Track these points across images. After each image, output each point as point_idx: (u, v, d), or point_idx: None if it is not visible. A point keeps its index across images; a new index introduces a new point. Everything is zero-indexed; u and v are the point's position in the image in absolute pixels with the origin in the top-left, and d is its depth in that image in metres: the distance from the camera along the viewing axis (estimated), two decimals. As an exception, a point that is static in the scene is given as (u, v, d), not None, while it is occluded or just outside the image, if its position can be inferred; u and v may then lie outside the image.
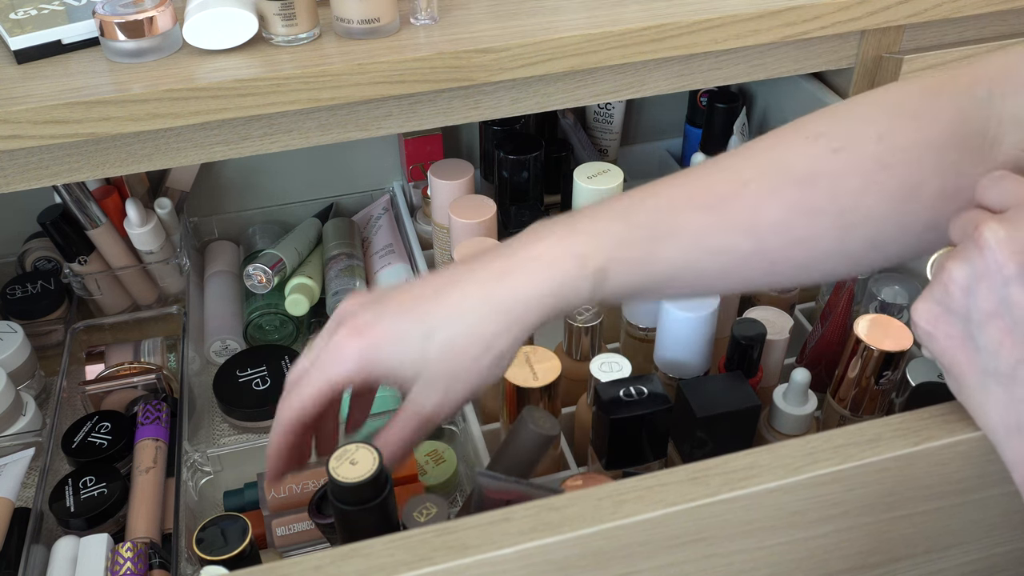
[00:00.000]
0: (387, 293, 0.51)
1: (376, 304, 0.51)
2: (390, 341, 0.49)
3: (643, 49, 0.74)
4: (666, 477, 0.43)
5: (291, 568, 0.40)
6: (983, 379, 0.42)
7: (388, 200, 1.03)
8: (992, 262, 0.40)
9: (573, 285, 0.49)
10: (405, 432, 0.51)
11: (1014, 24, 0.86)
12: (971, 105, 0.48)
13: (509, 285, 0.49)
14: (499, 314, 0.49)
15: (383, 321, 0.49)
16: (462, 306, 0.49)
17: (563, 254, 0.49)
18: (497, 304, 0.49)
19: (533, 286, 0.49)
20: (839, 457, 0.44)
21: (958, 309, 0.42)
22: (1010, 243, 0.40)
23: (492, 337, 0.49)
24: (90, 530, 0.70)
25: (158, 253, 0.92)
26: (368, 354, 0.49)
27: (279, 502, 0.71)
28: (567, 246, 0.49)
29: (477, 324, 0.49)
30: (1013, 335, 0.40)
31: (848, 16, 0.77)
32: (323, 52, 0.69)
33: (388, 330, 0.49)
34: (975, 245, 0.41)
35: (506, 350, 0.49)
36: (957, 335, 0.43)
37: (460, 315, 0.49)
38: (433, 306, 0.49)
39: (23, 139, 0.64)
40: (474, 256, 0.51)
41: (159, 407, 0.79)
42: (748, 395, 0.62)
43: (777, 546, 0.46)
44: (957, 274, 0.42)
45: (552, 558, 0.41)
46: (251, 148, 0.72)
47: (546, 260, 0.49)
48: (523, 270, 0.49)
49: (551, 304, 0.49)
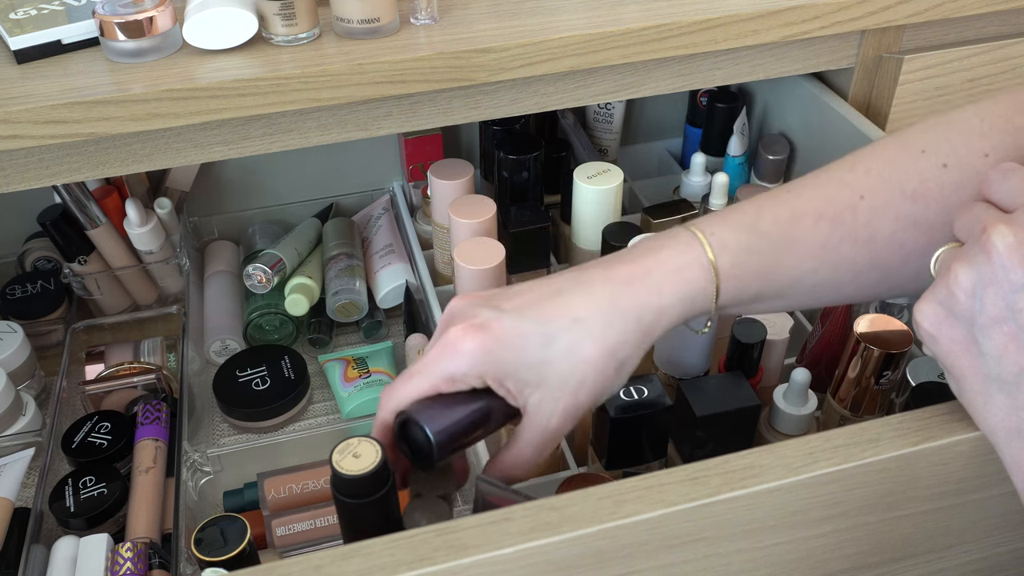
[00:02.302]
0: (503, 292, 0.50)
1: (492, 302, 0.48)
2: (511, 340, 0.46)
3: (643, 49, 0.74)
4: (666, 477, 0.43)
5: (291, 568, 0.40)
6: (985, 384, 0.42)
7: (388, 200, 1.03)
8: (999, 268, 0.40)
9: (701, 293, 0.48)
10: (528, 450, 0.48)
11: (1014, 24, 0.86)
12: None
13: (635, 292, 0.47)
14: (626, 322, 0.47)
15: (503, 320, 0.47)
16: (587, 311, 0.47)
17: (690, 262, 0.48)
18: (624, 311, 0.47)
19: (661, 294, 0.47)
20: (839, 457, 0.44)
21: (963, 313, 0.42)
22: (1019, 249, 0.40)
23: (617, 345, 0.47)
24: (90, 530, 0.70)
25: (158, 253, 0.92)
26: (487, 351, 0.46)
27: (279, 502, 0.71)
28: (695, 255, 0.48)
29: (603, 332, 0.47)
30: (1018, 341, 0.40)
31: (848, 16, 0.77)
32: (323, 52, 0.69)
33: (508, 329, 0.47)
34: (982, 249, 0.41)
35: (630, 358, 0.48)
36: (960, 339, 0.43)
37: (585, 321, 0.47)
38: (556, 308, 0.47)
39: (23, 139, 0.64)
40: (593, 262, 0.49)
41: (159, 407, 0.79)
42: (748, 395, 0.62)
43: (777, 546, 0.46)
44: (963, 278, 0.41)
45: (552, 558, 0.41)
46: (251, 148, 0.72)
47: (672, 267, 0.48)
48: (650, 277, 0.48)
49: (678, 313, 0.48)
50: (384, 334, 0.94)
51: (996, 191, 0.43)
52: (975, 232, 0.42)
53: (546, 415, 0.48)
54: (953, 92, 0.85)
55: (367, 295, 0.91)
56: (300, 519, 0.70)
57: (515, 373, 0.47)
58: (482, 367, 0.47)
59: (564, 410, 0.47)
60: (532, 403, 0.48)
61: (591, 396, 0.48)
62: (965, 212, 0.44)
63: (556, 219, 0.95)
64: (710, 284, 0.48)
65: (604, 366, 0.47)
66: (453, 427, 0.48)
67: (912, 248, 0.50)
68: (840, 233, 0.49)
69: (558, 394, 0.47)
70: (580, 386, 0.47)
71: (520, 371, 0.47)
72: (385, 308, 0.93)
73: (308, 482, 0.72)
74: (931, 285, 0.44)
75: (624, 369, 0.48)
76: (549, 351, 0.47)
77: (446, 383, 0.48)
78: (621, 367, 0.48)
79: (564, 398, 0.47)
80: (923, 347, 0.45)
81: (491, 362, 0.46)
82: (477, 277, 0.75)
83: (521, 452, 0.49)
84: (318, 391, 0.89)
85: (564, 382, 0.47)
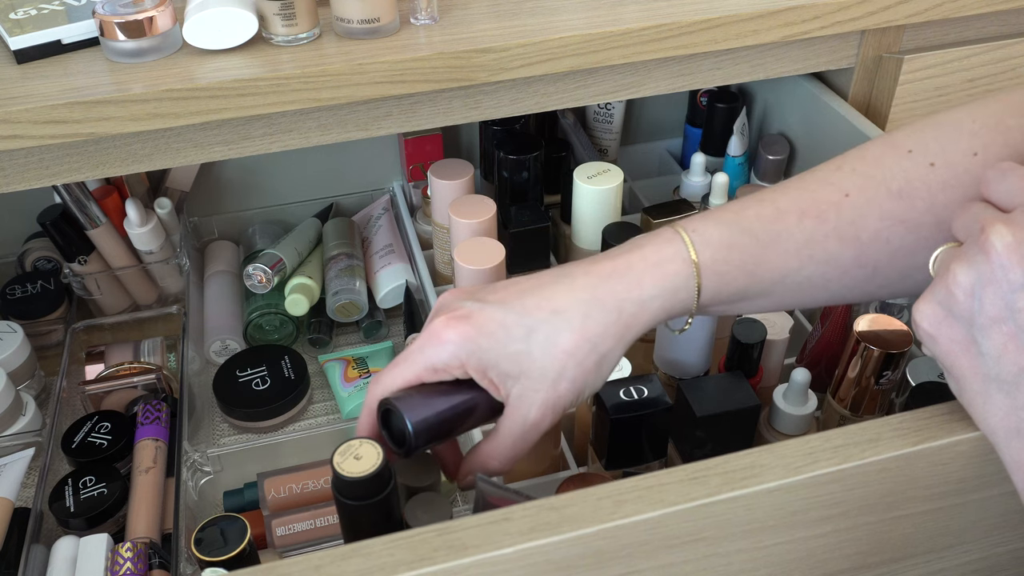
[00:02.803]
0: (488, 286, 0.51)
1: (477, 295, 0.49)
2: (492, 331, 0.47)
3: (643, 49, 0.74)
4: (666, 477, 0.43)
5: (291, 568, 0.40)
6: (985, 384, 0.42)
7: (388, 200, 1.03)
8: (998, 268, 0.40)
9: (682, 288, 0.48)
10: (508, 442, 0.49)
11: (1014, 24, 0.86)
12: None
13: (616, 285, 0.48)
14: (605, 314, 0.47)
15: (485, 311, 0.48)
16: (567, 303, 0.48)
17: (672, 256, 0.49)
18: (604, 303, 0.48)
19: (642, 288, 0.48)
20: (839, 457, 0.44)
21: (962, 313, 0.42)
22: (1017, 248, 0.40)
23: (598, 338, 0.48)
24: (90, 530, 0.70)
25: (158, 253, 0.92)
26: (469, 341, 0.47)
27: (279, 502, 0.71)
28: (676, 250, 0.49)
29: (582, 323, 0.47)
30: (1017, 341, 0.40)
31: (848, 16, 0.77)
32: (323, 52, 0.69)
33: (490, 319, 0.47)
34: (981, 249, 0.41)
35: (610, 352, 0.48)
36: (960, 339, 0.43)
37: (565, 312, 0.47)
38: (537, 300, 0.48)
39: (23, 139, 0.64)
40: (580, 260, 0.50)
41: (159, 407, 0.79)
42: (748, 395, 0.62)
43: (777, 546, 0.46)
44: (962, 278, 0.41)
45: (552, 558, 0.41)
46: (251, 148, 0.72)
47: (654, 261, 0.49)
48: (632, 271, 0.48)
49: (658, 307, 0.48)
50: (384, 334, 0.94)
51: (994, 191, 0.43)
52: (974, 232, 0.42)
53: (526, 406, 0.48)
54: (953, 92, 0.85)
55: (367, 295, 0.91)
56: (300, 519, 0.70)
57: (496, 364, 0.48)
58: (463, 356, 0.47)
59: (544, 402, 0.48)
60: (513, 395, 0.48)
61: (572, 389, 0.48)
62: (963, 212, 0.44)
63: (556, 219, 0.95)
64: (691, 279, 0.49)
65: (583, 357, 0.48)
66: (433, 417, 0.48)
67: (899, 246, 0.50)
68: (824, 230, 0.50)
69: (538, 386, 0.48)
70: (560, 378, 0.48)
71: (501, 362, 0.47)
72: (385, 308, 0.93)
73: (308, 482, 0.72)
74: (930, 285, 0.44)
75: (605, 363, 0.48)
76: (530, 342, 0.47)
77: (429, 372, 0.48)
78: (602, 360, 0.48)
79: (544, 390, 0.48)
80: (922, 347, 0.45)
81: (472, 352, 0.47)
82: (477, 277, 0.75)
83: (500, 443, 0.50)
84: (318, 391, 0.89)
85: (544, 374, 0.47)
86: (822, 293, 0.52)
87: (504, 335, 0.47)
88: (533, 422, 0.48)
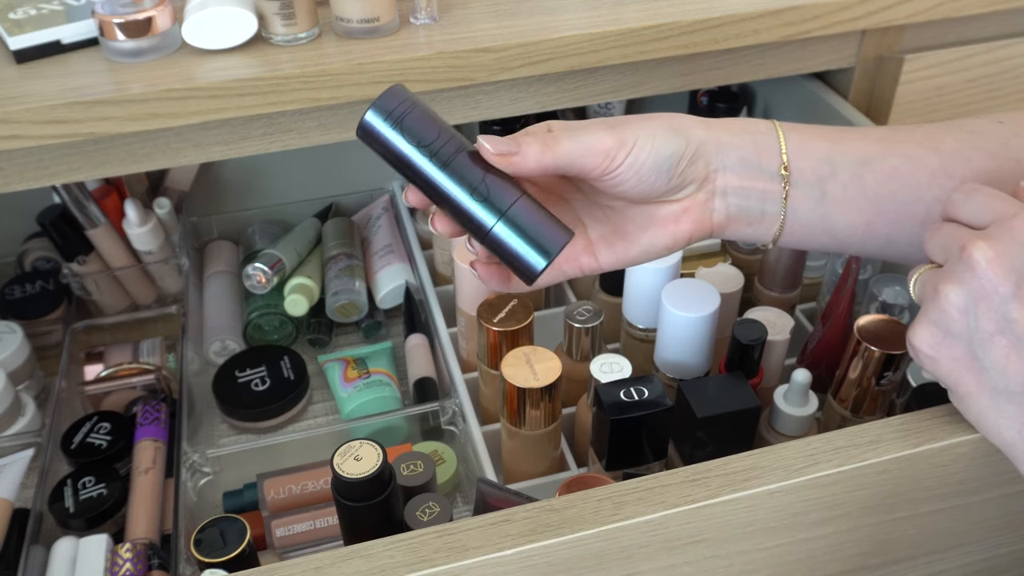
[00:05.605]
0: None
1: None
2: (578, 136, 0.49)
3: (643, 49, 0.74)
4: (666, 478, 0.43)
5: (290, 569, 0.40)
6: (994, 398, 0.42)
7: (388, 200, 1.03)
8: (987, 282, 0.41)
9: (765, 145, 0.51)
10: (537, 143, 0.49)
11: (1014, 24, 0.85)
12: None
13: (701, 127, 0.51)
14: (682, 138, 0.50)
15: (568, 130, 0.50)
16: (650, 127, 0.50)
17: (755, 122, 0.53)
18: (686, 132, 0.51)
19: (725, 130, 0.52)
20: (840, 458, 0.44)
21: (959, 331, 0.42)
22: (1001, 261, 0.41)
23: (676, 157, 0.50)
24: (89, 531, 0.70)
25: (157, 253, 0.92)
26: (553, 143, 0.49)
27: (278, 503, 0.71)
28: (763, 123, 0.53)
29: (664, 142, 0.50)
30: (1018, 351, 0.41)
31: (848, 16, 0.77)
32: (323, 52, 0.69)
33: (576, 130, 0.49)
34: (967, 267, 0.41)
35: (690, 132, 0.51)
36: (961, 356, 0.43)
37: (650, 132, 0.49)
38: (623, 124, 0.50)
39: (23, 139, 0.64)
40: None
41: (158, 407, 0.79)
42: (748, 396, 0.62)
43: (778, 547, 0.46)
44: (954, 296, 0.42)
45: (552, 560, 0.41)
46: (251, 148, 0.72)
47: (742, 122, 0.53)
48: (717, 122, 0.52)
49: (738, 156, 0.51)
50: (384, 334, 0.94)
51: (962, 211, 0.44)
52: (953, 251, 0.43)
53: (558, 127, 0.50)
54: (953, 92, 0.85)
55: (367, 295, 0.91)
56: (300, 520, 0.70)
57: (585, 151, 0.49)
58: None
59: (605, 134, 0.49)
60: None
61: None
62: (935, 233, 0.45)
63: (556, 219, 0.94)
64: (774, 138, 0.51)
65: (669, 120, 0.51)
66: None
67: (979, 167, 0.51)
68: (894, 144, 0.52)
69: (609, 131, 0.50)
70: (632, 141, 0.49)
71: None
72: (385, 308, 0.93)
73: (308, 483, 0.72)
74: (920, 309, 0.44)
75: (681, 136, 0.50)
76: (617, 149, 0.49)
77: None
78: (678, 132, 0.51)
79: (610, 132, 0.49)
80: (922, 371, 0.45)
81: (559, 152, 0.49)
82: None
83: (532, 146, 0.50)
84: (318, 391, 0.89)
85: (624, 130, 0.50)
86: (910, 194, 0.52)
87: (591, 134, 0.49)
88: (557, 132, 0.50)
